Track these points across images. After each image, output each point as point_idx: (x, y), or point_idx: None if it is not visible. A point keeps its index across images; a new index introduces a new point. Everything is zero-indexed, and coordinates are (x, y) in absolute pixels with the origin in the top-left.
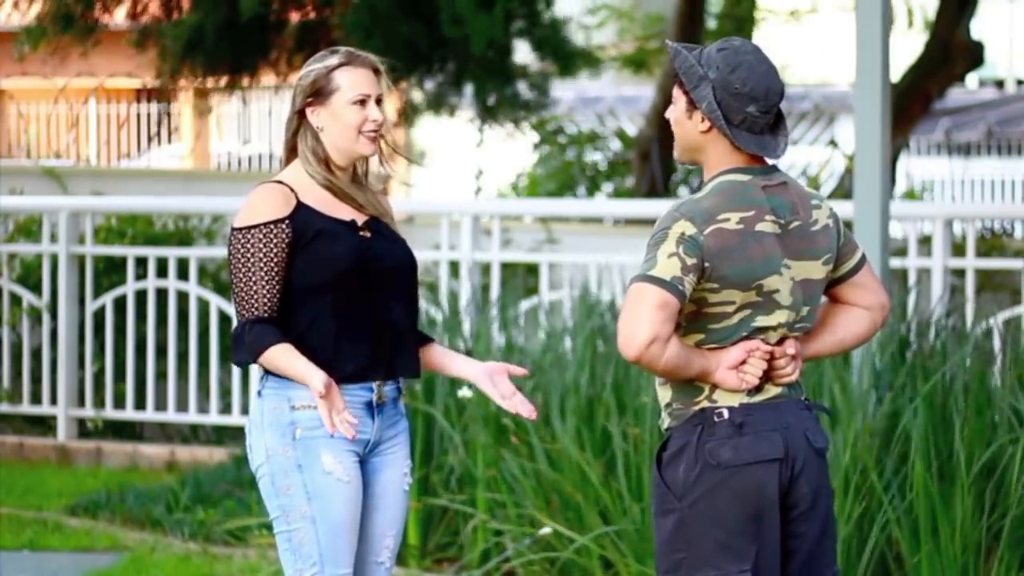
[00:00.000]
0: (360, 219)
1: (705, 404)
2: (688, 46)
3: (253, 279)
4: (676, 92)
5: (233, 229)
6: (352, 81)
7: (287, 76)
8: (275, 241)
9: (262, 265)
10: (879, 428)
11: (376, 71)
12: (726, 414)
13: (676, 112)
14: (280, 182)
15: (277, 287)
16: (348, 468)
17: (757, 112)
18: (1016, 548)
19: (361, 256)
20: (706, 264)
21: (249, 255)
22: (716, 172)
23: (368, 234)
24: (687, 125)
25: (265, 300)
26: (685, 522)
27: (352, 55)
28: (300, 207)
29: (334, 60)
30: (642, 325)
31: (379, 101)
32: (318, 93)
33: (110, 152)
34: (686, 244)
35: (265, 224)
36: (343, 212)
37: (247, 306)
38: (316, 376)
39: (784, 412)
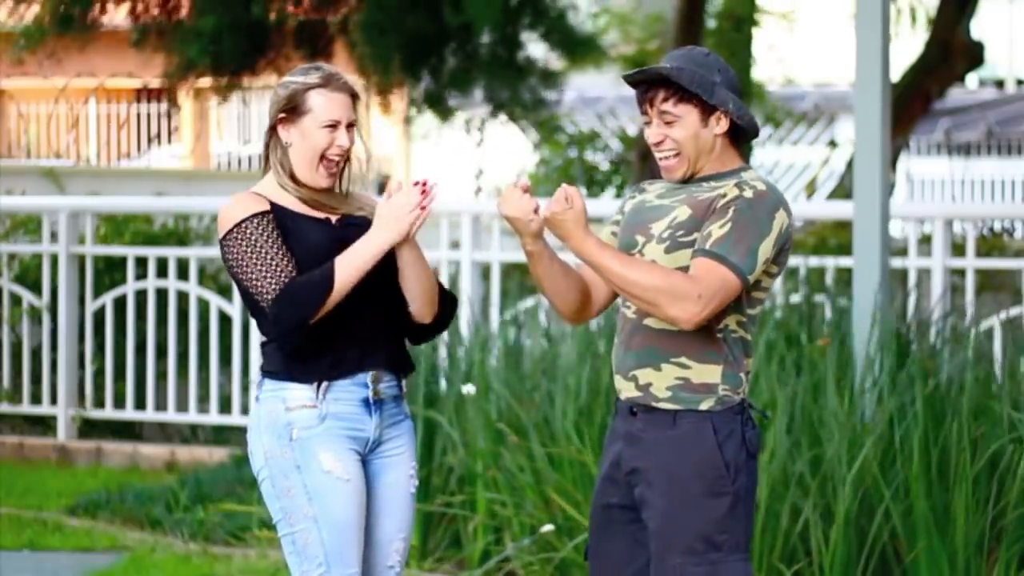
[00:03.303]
0: (334, 218)
1: (743, 395)
2: (684, 53)
3: (267, 258)
4: (681, 109)
5: (222, 238)
6: (326, 105)
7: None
8: (269, 227)
9: (268, 246)
10: (879, 428)
11: (354, 96)
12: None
13: (687, 129)
14: (252, 192)
15: (291, 262)
16: (348, 466)
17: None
18: (1016, 548)
19: (337, 245)
20: (782, 250)
21: (250, 243)
22: (734, 167)
23: (340, 227)
24: (703, 134)
25: (288, 270)
26: (736, 505)
27: (331, 77)
28: (273, 206)
29: (313, 79)
30: (711, 308)
31: (351, 126)
32: (292, 109)
33: (110, 152)
34: (779, 239)
35: (252, 216)
36: (316, 213)
37: (272, 281)
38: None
39: None
